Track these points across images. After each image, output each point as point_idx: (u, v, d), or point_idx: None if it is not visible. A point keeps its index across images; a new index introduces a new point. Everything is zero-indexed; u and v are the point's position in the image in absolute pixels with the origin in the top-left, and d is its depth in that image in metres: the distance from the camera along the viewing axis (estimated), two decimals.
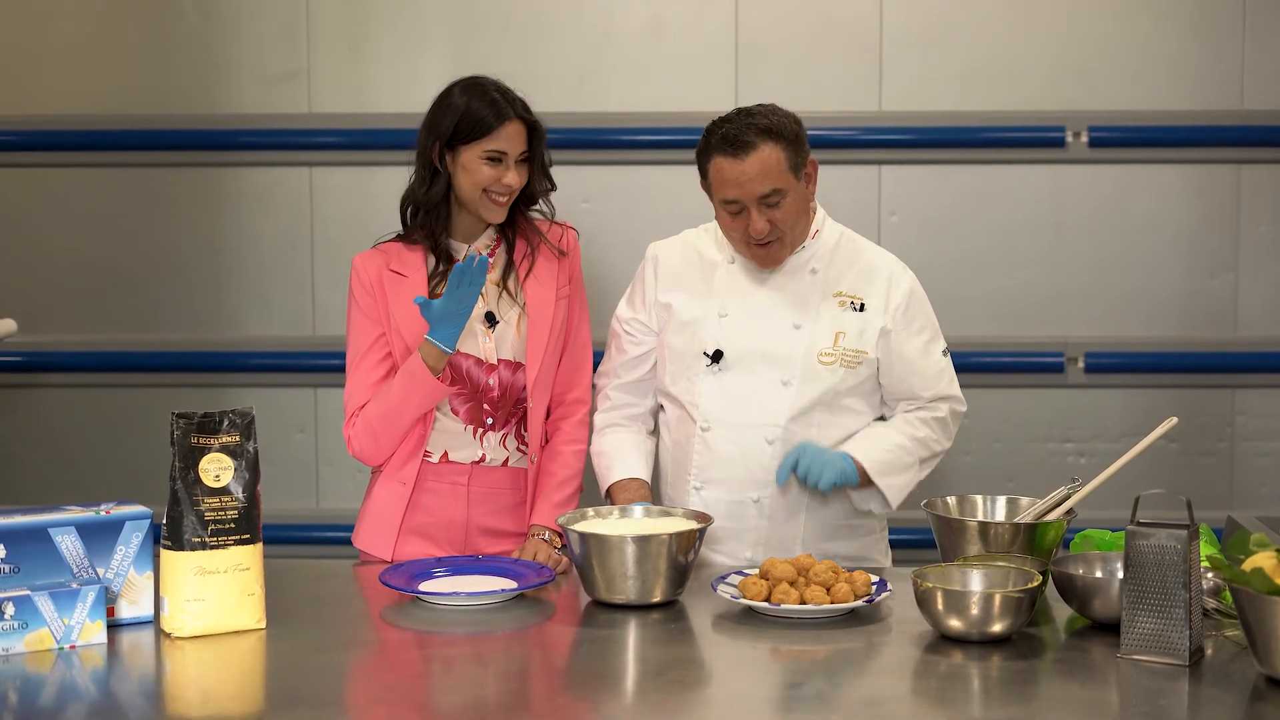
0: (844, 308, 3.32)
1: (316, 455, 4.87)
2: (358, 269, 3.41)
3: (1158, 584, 2.53)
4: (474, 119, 3.27)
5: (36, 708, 2.40)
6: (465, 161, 3.29)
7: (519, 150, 3.30)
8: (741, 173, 3.19)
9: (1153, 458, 3.75)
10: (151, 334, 4.86)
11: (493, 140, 3.27)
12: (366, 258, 3.41)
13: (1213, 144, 4.68)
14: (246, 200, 4.83)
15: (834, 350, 3.30)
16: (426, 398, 3.27)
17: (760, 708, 2.39)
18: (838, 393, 3.30)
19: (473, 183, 3.29)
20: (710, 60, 4.70)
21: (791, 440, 3.28)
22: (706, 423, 3.33)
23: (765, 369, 3.31)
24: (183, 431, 2.70)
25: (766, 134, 3.19)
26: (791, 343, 3.31)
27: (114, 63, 4.80)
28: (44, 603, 2.62)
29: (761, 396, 3.31)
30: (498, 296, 3.39)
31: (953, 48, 4.69)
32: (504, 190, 3.30)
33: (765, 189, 3.19)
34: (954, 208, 4.74)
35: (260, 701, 2.49)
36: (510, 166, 3.29)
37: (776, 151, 3.19)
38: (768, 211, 3.21)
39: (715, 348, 3.33)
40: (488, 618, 2.86)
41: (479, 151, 3.27)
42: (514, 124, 3.29)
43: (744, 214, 3.22)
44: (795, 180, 3.21)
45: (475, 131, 3.27)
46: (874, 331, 3.31)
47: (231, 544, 2.71)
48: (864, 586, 2.84)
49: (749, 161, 3.18)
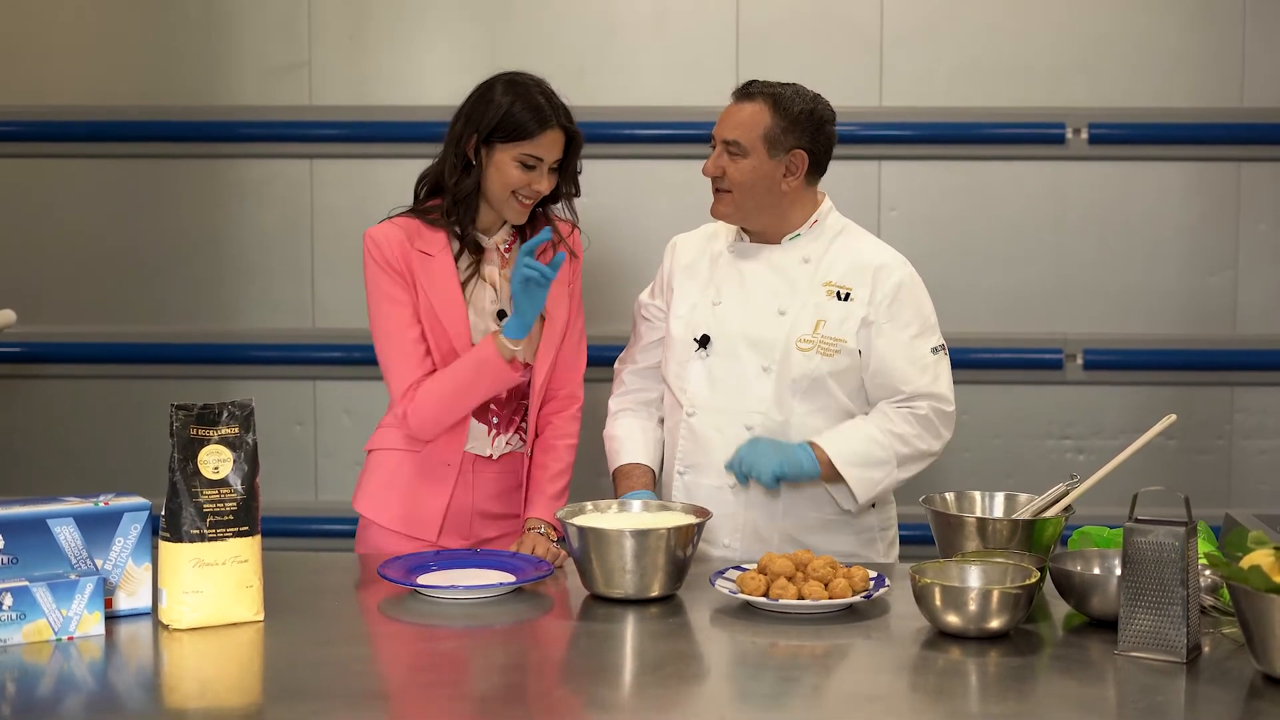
0: (830, 296, 3.32)
1: (315, 447, 4.88)
2: (377, 242, 3.32)
3: (1155, 581, 2.54)
4: (516, 121, 3.23)
5: (34, 699, 2.40)
6: (499, 160, 3.25)
7: (555, 158, 3.27)
8: (728, 114, 3.30)
9: (1151, 455, 3.77)
10: (151, 325, 4.86)
11: (531, 145, 3.23)
12: (384, 232, 3.33)
13: (1213, 141, 4.68)
14: (247, 192, 4.83)
15: (812, 337, 3.29)
16: (497, 383, 3.26)
17: (758, 702, 2.39)
18: (814, 379, 3.28)
19: (503, 183, 3.26)
20: (711, 54, 4.70)
21: (770, 428, 3.28)
22: (692, 408, 3.34)
23: (749, 354, 3.32)
24: (182, 423, 2.70)
25: (770, 97, 3.26)
26: (775, 328, 3.31)
27: (115, 54, 4.80)
28: (42, 594, 2.62)
29: (744, 382, 3.31)
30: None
31: (953, 43, 4.69)
32: (532, 195, 3.28)
33: (731, 135, 3.26)
34: (954, 204, 4.74)
35: (258, 693, 2.49)
36: (543, 173, 3.26)
37: (764, 113, 3.25)
38: (725, 159, 3.27)
39: (704, 333, 3.34)
40: (485, 611, 2.86)
41: (515, 153, 3.24)
42: (555, 131, 3.25)
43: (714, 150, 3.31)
44: (765, 152, 3.24)
45: (515, 134, 3.23)
46: (855, 321, 3.29)
47: (230, 536, 2.71)
48: (862, 582, 2.84)
49: (739, 106, 3.29)
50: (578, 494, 3.42)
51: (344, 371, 4.84)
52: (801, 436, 3.29)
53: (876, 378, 3.31)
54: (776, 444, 3.23)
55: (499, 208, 3.31)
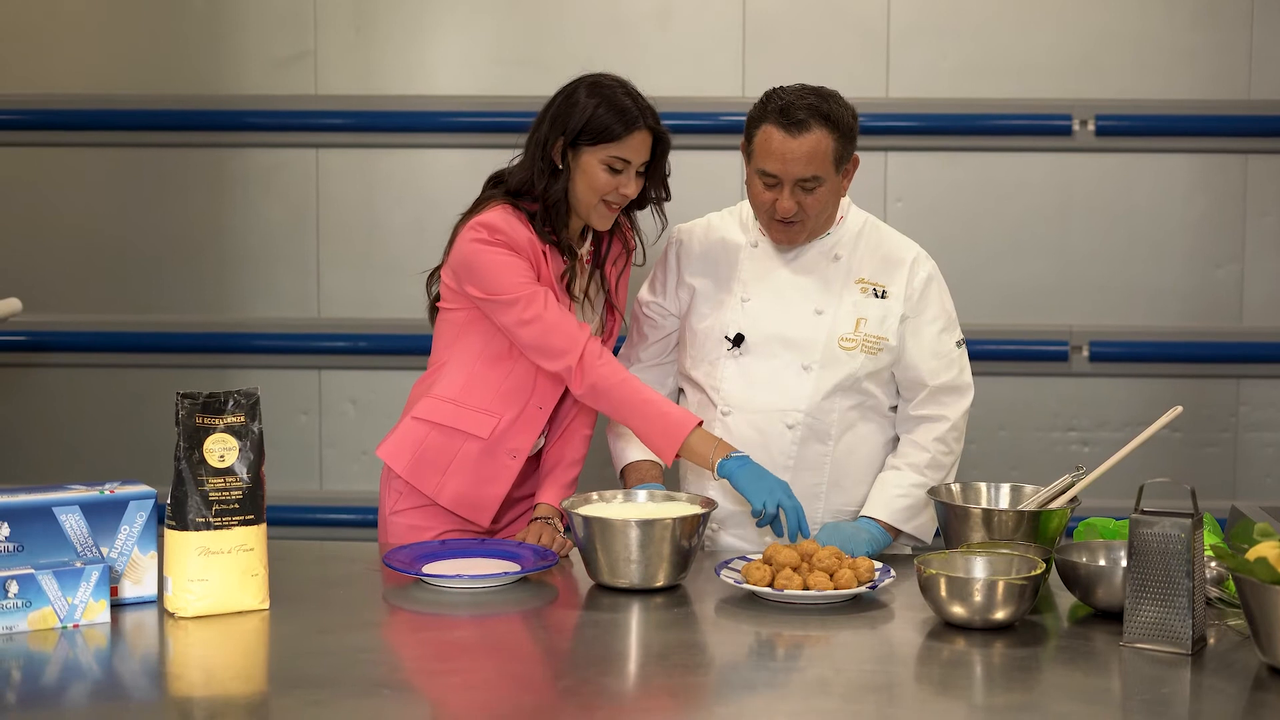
0: (866, 294, 3.31)
1: (320, 438, 4.88)
2: (501, 227, 3.19)
3: (1161, 573, 2.53)
4: (602, 123, 3.16)
5: (39, 686, 2.41)
6: (585, 164, 3.18)
7: (642, 160, 3.21)
8: (788, 150, 3.16)
9: (1157, 447, 3.77)
10: (156, 314, 4.87)
11: (619, 147, 3.17)
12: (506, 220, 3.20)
13: (1220, 134, 4.67)
14: (252, 181, 4.83)
15: (854, 335, 3.29)
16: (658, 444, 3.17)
17: (763, 693, 2.39)
18: (858, 378, 3.29)
19: (590, 187, 3.19)
20: (717, 47, 4.69)
21: (813, 426, 3.28)
22: (727, 407, 3.33)
23: (786, 353, 3.31)
24: (188, 411, 2.70)
25: (825, 120, 3.16)
26: (813, 328, 3.30)
27: (121, 43, 4.81)
28: (48, 581, 2.62)
29: (782, 381, 3.30)
30: (584, 305, 3.33)
31: (960, 35, 4.69)
32: (620, 200, 3.22)
33: (806, 173, 3.17)
34: (960, 195, 4.74)
35: (263, 682, 2.49)
36: (631, 176, 3.20)
37: (828, 140, 3.16)
38: (800, 194, 3.20)
39: (737, 331, 3.33)
40: (491, 600, 2.86)
41: (601, 156, 3.17)
42: (642, 133, 3.19)
43: (777, 188, 3.20)
44: (835, 172, 3.20)
45: (602, 136, 3.16)
46: (894, 319, 3.30)
47: (236, 524, 2.71)
48: (867, 573, 2.84)
49: (799, 141, 3.15)
50: (584, 485, 3.41)
51: (349, 361, 4.85)
52: (844, 433, 3.31)
53: (907, 371, 3.33)
54: (852, 529, 3.20)
55: (585, 213, 3.24)
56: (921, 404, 3.33)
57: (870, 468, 3.35)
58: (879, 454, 3.36)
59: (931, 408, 3.33)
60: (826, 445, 3.30)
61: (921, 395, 3.33)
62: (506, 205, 3.24)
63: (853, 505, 3.33)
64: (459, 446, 3.32)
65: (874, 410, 3.35)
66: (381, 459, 3.38)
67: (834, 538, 3.13)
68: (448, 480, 3.33)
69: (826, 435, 3.30)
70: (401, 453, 3.35)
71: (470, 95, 4.76)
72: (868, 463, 3.35)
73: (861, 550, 3.12)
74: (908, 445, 3.34)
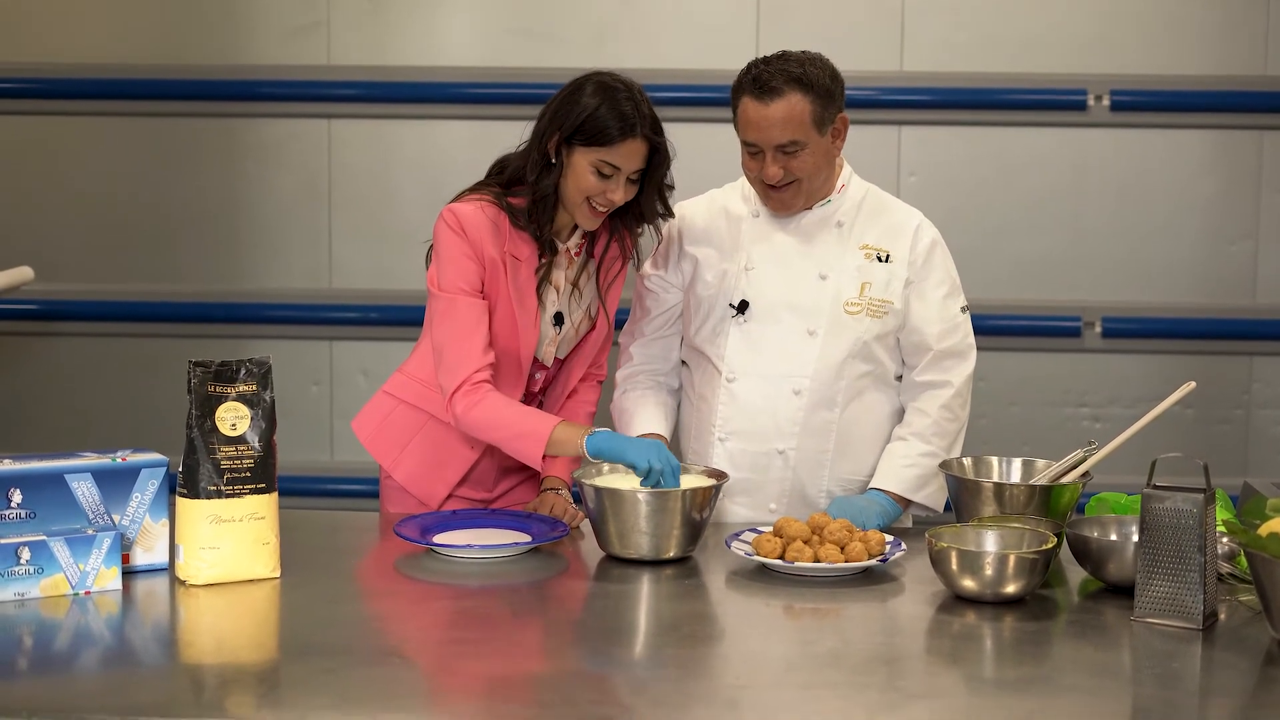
0: (870, 259, 3.31)
1: (331, 408, 4.89)
2: (464, 225, 3.18)
3: (1173, 548, 2.53)
4: (598, 125, 3.10)
5: (51, 653, 2.41)
6: (576, 163, 3.14)
7: (633, 168, 3.16)
8: (763, 118, 3.17)
9: (1169, 423, 3.76)
10: (168, 284, 4.87)
11: (609, 152, 3.12)
12: (474, 217, 3.19)
13: (1235, 109, 4.66)
14: (265, 152, 4.83)
15: (859, 300, 3.29)
16: (529, 456, 3.14)
17: (773, 665, 2.39)
18: (865, 342, 3.29)
19: (577, 186, 3.15)
20: (732, 18, 4.68)
21: (820, 393, 3.28)
22: (732, 374, 3.33)
23: (791, 319, 3.31)
24: (200, 380, 2.70)
25: (796, 83, 3.16)
26: (818, 292, 3.30)
27: (134, 13, 4.80)
28: (60, 548, 2.62)
29: (787, 346, 3.30)
30: (569, 295, 3.32)
31: (975, 9, 4.67)
32: (606, 204, 3.18)
33: (784, 138, 3.18)
34: (974, 170, 4.73)
35: (274, 650, 2.50)
36: (620, 183, 3.15)
37: (803, 102, 3.16)
38: (783, 159, 3.20)
39: (741, 298, 3.33)
40: (501, 570, 2.87)
41: (592, 158, 3.12)
42: (636, 142, 3.13)
43: (760, 157, 3.22)
44: (818, 134, 3.20)
45: (595, 138, 3.11)
46: (899, 283, 3.30)
47: (247, 493, 2.72)
48: (878, 546, 2.84)
49: (772, 108, 3.16)
50: None
51: (360, 332, 4.85)
52: (850, 401, 3.31)
53: (911, 335, 3.33)
54: (864, 502, 3.21)
55: (571, 211, 3.21)
56: (925, 369, 3.33)
57: (876, 437, 3.35)
58: (885, 424, 3.36)
59: (935, 373, 3.33)
60: (833, 412, 3.30)
61: (926, 360, 3.33)
62: (488, 199, 3.22)
63: (858, 474, 3.33)
64: (420, 425, 3.37)
65: (881, 380, 3.34)
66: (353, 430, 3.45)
67: (845, 510, 3.12)
68: (404, 457, 3.38)
69: (833, 402, 3.29)
70: (368, 423, 3.43)
71: (483, 66, 4.76)
72: (874, 431, 3.35)
73: (873, 523, 3.13)
74: (913, 414, 3.34)
